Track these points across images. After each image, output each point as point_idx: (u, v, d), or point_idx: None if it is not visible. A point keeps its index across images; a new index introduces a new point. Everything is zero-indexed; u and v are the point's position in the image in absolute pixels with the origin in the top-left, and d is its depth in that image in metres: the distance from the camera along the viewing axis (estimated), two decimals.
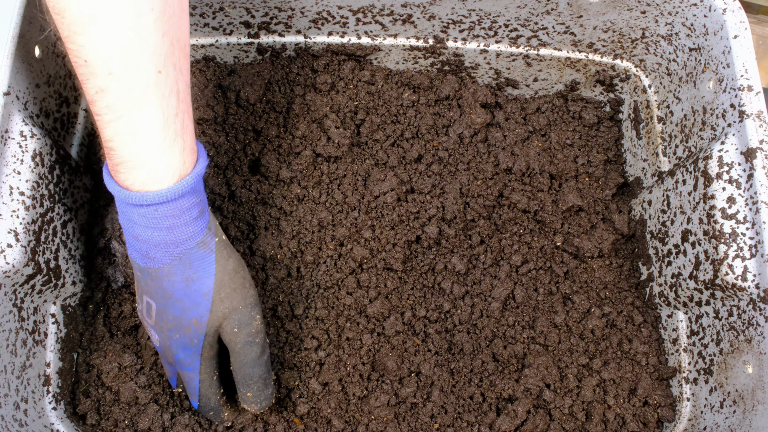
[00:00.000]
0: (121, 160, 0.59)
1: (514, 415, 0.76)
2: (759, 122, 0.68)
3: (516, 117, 0.91)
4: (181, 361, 0.69)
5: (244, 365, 0.70)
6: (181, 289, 0.65)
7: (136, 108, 0.57)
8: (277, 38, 0.86)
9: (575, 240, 0.85)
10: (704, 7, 0.75)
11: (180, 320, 0.66)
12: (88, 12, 0.53)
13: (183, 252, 0.63)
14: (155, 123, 0.58)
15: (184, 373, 0.71)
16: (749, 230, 0.68)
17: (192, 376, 0.70)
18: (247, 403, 0.72)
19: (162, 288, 0.65)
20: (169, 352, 0.69)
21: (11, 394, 0.66)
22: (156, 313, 0.67)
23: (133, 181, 0.60)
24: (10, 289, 0.66)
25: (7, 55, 0.66)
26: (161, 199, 0.60)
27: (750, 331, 0.67)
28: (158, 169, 0.60)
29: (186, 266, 0.64)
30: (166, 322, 0.66)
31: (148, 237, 0.62)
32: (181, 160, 0.61)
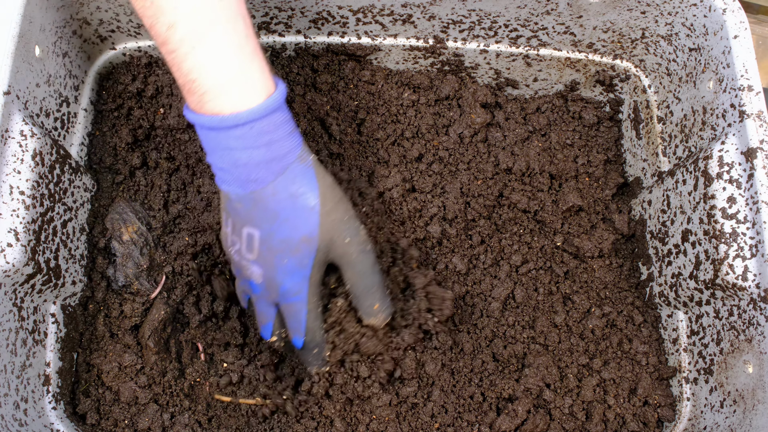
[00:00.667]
0: (206, 88, 0.60)
1: (514, 414, 0.76)
2: (759, 122, 0.68)
3: (516, 117, 0.91)
4: (288, 292, 0.68)
5: (364, 275, 0.70)
6: (288, 206, 0.65)
7: (208, 34, 0.59)
8: (277, 38, 0.86)
9: (575, 240, 0.85)
10: (704, 7, 0.75)
11: (289, 242, 0.65)
12: None
13: (285, 167, 0.64)
14: (230, 45, 0.60)
15: (289, 306, 0.69)
16: (750, 230, 0.68)
17: (299, 307, 0.69)
18: (375, 316, 0.71)
19: (268, 210, 0.64)
20: (274, 284, 0.68)
21: (11, 393, 0.65)
22: (260, 242, 0.66)
23: (222, 106, 0.61)
24: (10, 288, 0.66)
25: (8, 54, 0.66)
26: (256, 115, 0.61)
27: (750, 331, 0.67)
28: (245, 88, 0.61)
29: (290, 181, 0.64)
30: (273, 248, 0.66)
31: (249, 158, 0.62)
32: (264, 77, 0.62)
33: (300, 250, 0.66)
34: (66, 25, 0.77)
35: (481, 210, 0.85)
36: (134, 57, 0.86)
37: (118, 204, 0.81)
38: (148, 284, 0.79)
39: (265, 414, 0.76)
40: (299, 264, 0.67)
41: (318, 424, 0.76)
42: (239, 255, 0.68)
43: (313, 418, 0.76)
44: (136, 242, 0.79)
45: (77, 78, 0.81)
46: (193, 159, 0.84)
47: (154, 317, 0.76)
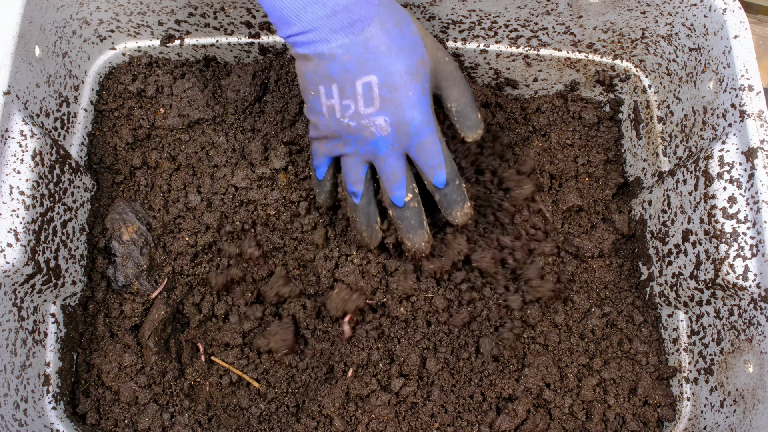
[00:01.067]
0: None
1: (514, 414, 0.76)
2: (760, 122, 0.68)
3: (516, 117, 0.91)
4: (421, 126, 0.67)
5: (467, 88, 0.72)
6: (396, 34, 0.65)
7: None
8: (277, 38, 0.86)
9: (575, 240, 0.85)
10: (704, 7, 0.75)
11: (409, 70, 0.65)
12: None
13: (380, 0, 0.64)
14: None
15: (423, 142, 0.68)
16: (750, 230, 0.68)
17: (433, 138, 0.68)
18: (478, 127, 0.73)
19: (381, 45, 0.64)
20: (403, 125, 0.67)
21: (11, 393, 0.65)
22: (380, 86, 0.65)
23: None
24: (10, 288, 0.66)
25: (8, 54, 0.66)
26: None
27: (751, 331, 0.67)
28: None
29: (390, 11, 0.65)
30: (395, 85, 0.65)
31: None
32: None
33: (420, 75, 0.66)
34: (66, 25, 0.77)
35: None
36: (134, 57, 0.86)
37: (118, 204, 0.81)
38: (148, 284, 0.79)
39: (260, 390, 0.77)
40: (423, 91, 0.67)
41: (318, 424, 0.76)
42: (356, 117, 0.67)
43: (313, 417, 0.76)
44: (136, 242, 0.79)
45: (77, 78, 0.81)
46: (194, 159, 0.84)
47: (154, 317, 0.76)
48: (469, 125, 0.73)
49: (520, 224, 0.85)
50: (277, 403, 0.78)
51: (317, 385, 0.79)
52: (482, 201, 0.82)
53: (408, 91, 0.65)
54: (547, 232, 0.85)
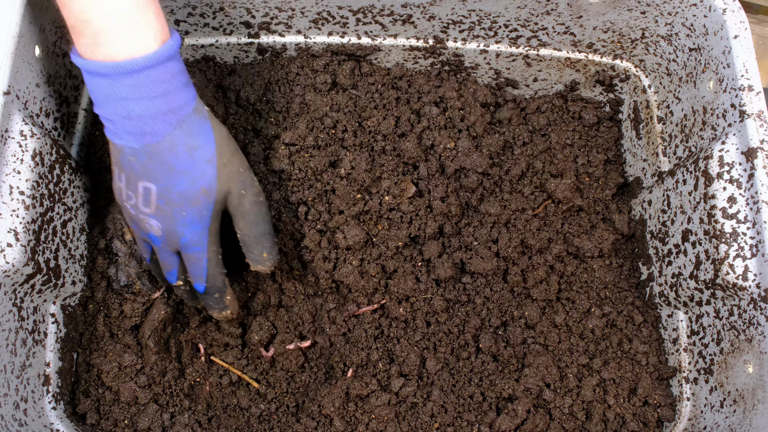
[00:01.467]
0: (98, 29, 0.57)
1: (514, 414, 0.76)
2: (759, 122, 0.68)
3: (516, 117, 0.91)
4: (188, 243, 0.68)
5: (257, 224, 0.70)
6: (185, 159, 0.64)
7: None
8: (277, 38, 0.86)
9: (575, 240, 0.85)
10: (704, 7, 0.75)
11: (187, 194, 0.65)
12: None
13: (181, 119, 0.62)
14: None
15: (189, 256, 0.69)
16: (750, 230, 0.68)
17: (200, 256, 0.69)
18: (262, 263, 0.72)
19: (165, 163, 0.63)
20: (174, 236, 0.67)
21: (11, 393, 0.65)
22: (157, 196, 0.65)
23: (116, 51, 0.58)
24: (10, 288, 0.66)
25: (8, 54, 0.66)
26: (152, 61, 0.59)
27: (751, 331, 0.67)
28: (140, 33, 0.58)
29: (187, 134, 0.63)
30: (171, 201, 0.65)
31: (144, 109, 0.60)
32: (159, 24, 0.60)
33: (199, 202, 0.66)
34: (66, 25, 0.77)
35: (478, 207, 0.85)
36: None
37: None
38: (149, 284, 0.79)
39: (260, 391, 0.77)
40: (198, 216, 0.66)
41: (318, 424, 0.76)
42: (135, 209, 0.67)
43: (313, 417, 0.76)
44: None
45: (77, 78, 0.81)
46: None
47: (154, 317, 0.76)
48: (253, 258, 0.72)
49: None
50: (277, 403, 0.78)
51: (317, 385, 0.79)
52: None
53: (182, 212, 0.66)
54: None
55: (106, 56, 0.58)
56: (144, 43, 0.59)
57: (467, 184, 0.85)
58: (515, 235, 0.84)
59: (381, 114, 0.86)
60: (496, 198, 0.86)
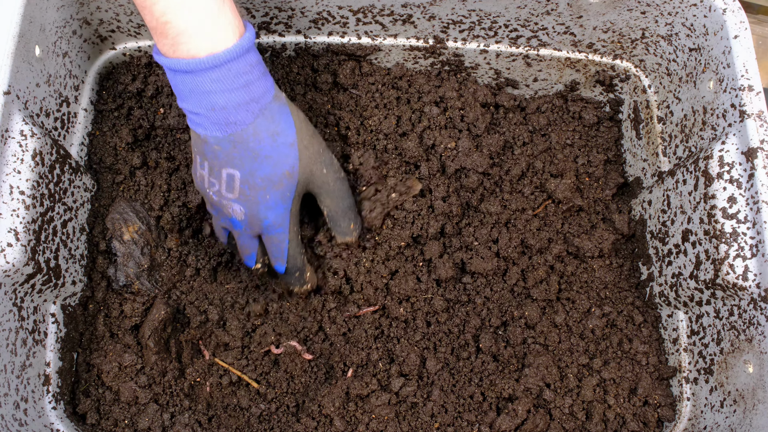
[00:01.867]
0: (180, 29, 0.60)
1: (514, 414, 0.76)
2: (759, 122, 0.68)
3: (516, 117, 0.91)
4: (271, 225, 0.71)
5: (343, 199, 0.76)
6: (268, 144, 0.67)
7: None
8: (277, 38, 0.86)
9: (575, 240, 0.85)
10: (704, 7, 0.75)
11: (271, 178, 0.68)
12: None
13: (263, 107, 0.65)
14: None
15: (272, 238, 0.73)
16: (750, 230, 0.68)
17: (282, 238, 0.73)
18: (349, 234, 0.78)
19: (249, 149, 0.66)
20: (257, 220, 0.70)
21: (11, 393, 0.65)
22: (241, 181, 0.68)
23: (198, 48, 0.61)
24: (10, 288, 0.66)
25: (8, 54, 0.66)
26: (232, 55, 0.61)
27: (751, 331, 0.67)
28: (220, 29, 0.61)
29: (269, 121, 0.66)
30: (255, 186, 0.68)
31: (228, 100, 0.63)
32: (236, 18, 0.63)
33: (282, 185, 0.69)
34: (66, 25, 0.77)
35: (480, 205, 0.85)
36: (134, 57, 0.86)
37: (119, 204, 0.81)
38: (149, 284, 0.79)
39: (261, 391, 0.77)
40: (281, 198, 0.69)
41: (318, 424, 0.76)
42: (219, 195, 0.70)
43: (313, 417, 0.76)
44: (137, 242, 0.79)
45: (77, 78, 0.81)
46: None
47: (154, 317, 0.76)
48: (341, 231, 0.78)
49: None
50: (277, 403, 0.78)
51: (317, 385, 0.79)
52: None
53: (266, 195, 0.69)
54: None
55: (188, 53, 0.61)
56: (223, 39, 0.62)
57: (467, 184, 0.85)
58: (515, 235, 0.84)
59: (382, 113, 0.86)
60: (496, 198, 0.86)
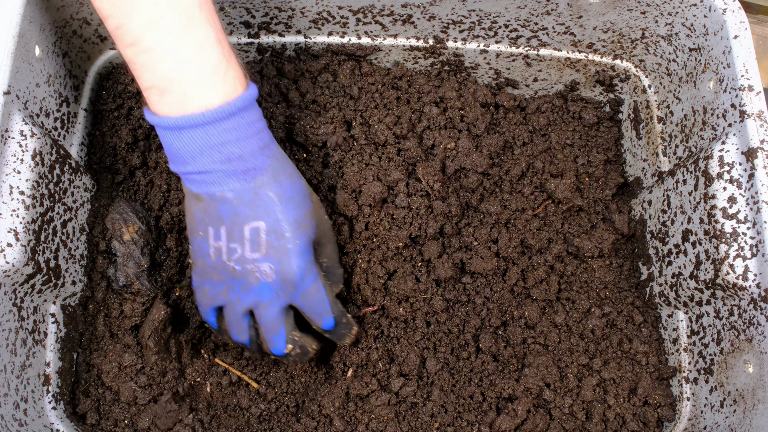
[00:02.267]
0: (189, 84, 0.59)
1: (514, 414, 0.76)
2: (760, 122, 0.68)
3: (516, 117, 0.91)
4: (305, 275, 0.67)
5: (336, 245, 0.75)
6: (288, 186, 0.66)
7: (190, 29, 0.59)
8: (277, 38, 0.86)
9: (575, 240, 0.85)
10: (704, 7, 0.75)
11: (297, 219, 0.66)
12: None
13: (274, 153, 0.65)
14: (212, 38, 0.60)
15: (308, 291, 0.68)
16: (750, 230, 0.68)
17: (317, 286, 0.69)
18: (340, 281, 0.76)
19: (272, 194, 0.65)
20: (289, 273, 0.66)
21: (11, 393, 0.65)
22: (267, 232, 0.65)
23: (210, 100, 0.60)
24: (10, 288, 0.66)
25: (8, 54, 0.66)
26: (245, 102, 0.61)
27: (751, 331, 0.67)
28: (230, 79, 0.61)
29: (282, 163, 0.66)
30: (282, 233, 0.65)
31: (244, 148, 0.62)
32: (242, 69, 0.63)
33: (307, 227, 0.67)
34: (66, 25, 0.77)
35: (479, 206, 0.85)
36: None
37: (119, 204, 0.81)
38: (148, 284, 0.79)
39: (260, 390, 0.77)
40: (308, 241, 0.68)
41: (318, 424, 0.76)
42: (242, 262, 0.66)
43: (313, 417, 0.76)
44: (137, 242, 0.79)
45: (77, 78, 0.81)
46: None
47: (154, 317, 0.76)
48: (335, 280, 0.75)
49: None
50: (277, 403, 0.78)
51: (317, 385, 0.79)
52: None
53: (295, 240, 0.66)
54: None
55: (198, 107, 0.60)
56: (233, 89, 0.61)
57: (467, 184, 0.85)
58: (515, 235, 0.84)
59: (382, 113, 0.86)
60: (496, 198, 0.86)
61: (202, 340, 0.80)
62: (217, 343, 0.80)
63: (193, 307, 0.81)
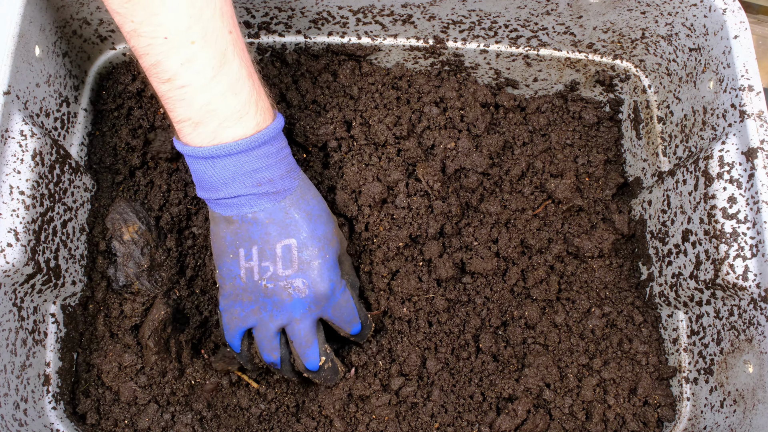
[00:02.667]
0: (225, 115, 0.62)
1: (514, 414, 0.76)
2: (760, 122, 0.68)
3: (516, 117, 0.91)
4: (336, 287, 0.71)
5: (351, 263, 0.78)
6: (316, 204, 0.70)
7: (224, 65, 0.62)
8: (277, 38, 0.86)
9: (575, 240, 0.85)
10: (704, 7, 0.75)
11: (327, 235, 0.70)
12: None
13: (299, 175, 0.69)
14: (244, 73, 0.63)
15: (339, 302, 0.71)
16: (750, 230, 0.68)
17: (347, 297, 0.72)
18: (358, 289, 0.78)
19: (302, 211, 0.68)
20: (322, 286, 0.69)
21: (11, 393, 0.65)
22: (299, 248, 0.68)
23: (246, 129, 0.63)
24: (10, 288, 0.66)
25: (8, 54, 0.66)
26: (276, 131, 0.65)
27: (751, 331, 0.67)
28: (261, 110, 0.65)
29: (307, 185, 0.71)
30: (313, 249, 0.69)
31: (274, 173, 0.66)
32: (270, 99, 0.67)
33: (335, 242, 0.71)
34: (66, 25, 0.77)
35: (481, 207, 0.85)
36: (134, 57, 0.86)
37: (119, 204, 0.81)
38: (148, 284, 0.79)
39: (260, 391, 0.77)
40: (336, 255, 0.71)
41: (318, 424, 0.76)
42: (274, 279, 0.68)
43: (313, 417, 0.76)
44: (137, 242, 0.79)
45: (77, 78, 0.81)
46: None
47: (154, 317, 0.76)
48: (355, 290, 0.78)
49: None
50: (277, 403, 0.78)
51: (317, 385, 0.79)
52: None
53: (326, 254, 0.69)
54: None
55: (233, 137, 0.63)
56: (264, 118, 0.65)
57: (467, 184, 0.85)
58: (515, 235, 0.84)
59: (382, 113, 0.86)
60: (496, 198, 0.86)
61: (202, 340, 0.81)
62: (217, 343, 0.80)
63: (193, 307, 0.81)
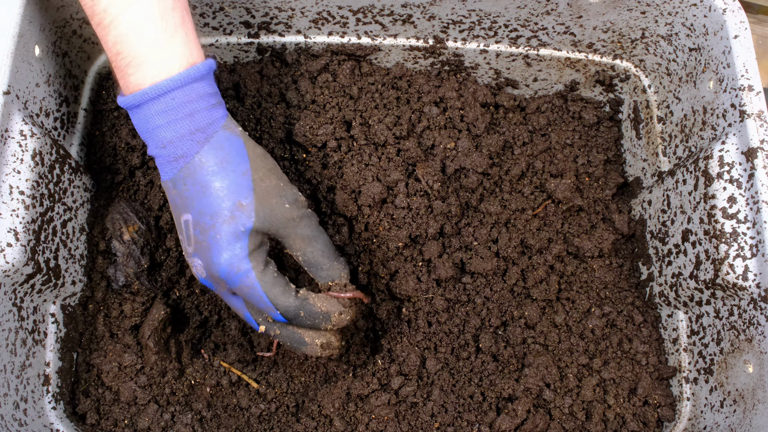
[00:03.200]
0: (128, 59, 0.60)
1: (514, 414, 0.76)
2: (760, 122, 0.68)
3: (516, 117, 0.91)
4: (229, 272, 0.61)
5: (315, 237, 0.66)
6: (218, 173, 0.61)
7: (131, 5, 0.59)
8: (277, 38, 0.86)
9: (575, 240, 0.85)
10: (704, 7, 0.75)
11: (220, 212, 0.61)
12: None
13: (210, 135, 0.62)
14: (152, 15, 0.60)
15: (241, 288, 0.62)
16: (750, 230, 0.68)
17: (250, 283, 0.62)
18: (337, 273, 0.67)
19: (197, 182, 0.61)
20: (213, 269, 0.62)
21: (11, 393, 0.65)
22: (193, 226, 0.61)
23: (143, 77, 0.60)
24: (10, 288, 0.66)
25: (8, 54, 0.66)
26: (175, 84, 0.60)
27: (751, 331, 0.67)
28: (165, 58, 0.60)
29: (217, 149, 0.62)
30: (205, 227, 0.61)
31: (173, 132, 0.61)
32: (187, 49, 0.61)
33: (234, 219, 0.61)
34: (66, 25, 0.77)
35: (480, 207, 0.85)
36: None
37: (119, 203, 0.81)
38: (148, 284, 0.79)
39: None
40: (234, 235, 0.61)
41: (318, 424, 0.76)
42: (186, 254, 0.64)
43: (313, 417, 0.76)
44: (137, 242, 0.79)
45: (77, 78, 0.81)
46: None
47: (154, 317, 0.76)
48: (323, 274, 0.67)
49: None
50: (277, 403, 0.78)
51: (317, 385, 0.79)
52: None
53: (216, 234, 0.61)
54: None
55: (136, 84, 0.60)
56: (168, 67, 0.60)
57: (467, 184, 0.85)
58: (515, 235, 0.84)
59: (381, 113, 0.86)
60: (495, 198, 0.86)
61: (202, 340, 0.81)
62: (217, 343, 0.80)
63: (193, 307, 0.81)
